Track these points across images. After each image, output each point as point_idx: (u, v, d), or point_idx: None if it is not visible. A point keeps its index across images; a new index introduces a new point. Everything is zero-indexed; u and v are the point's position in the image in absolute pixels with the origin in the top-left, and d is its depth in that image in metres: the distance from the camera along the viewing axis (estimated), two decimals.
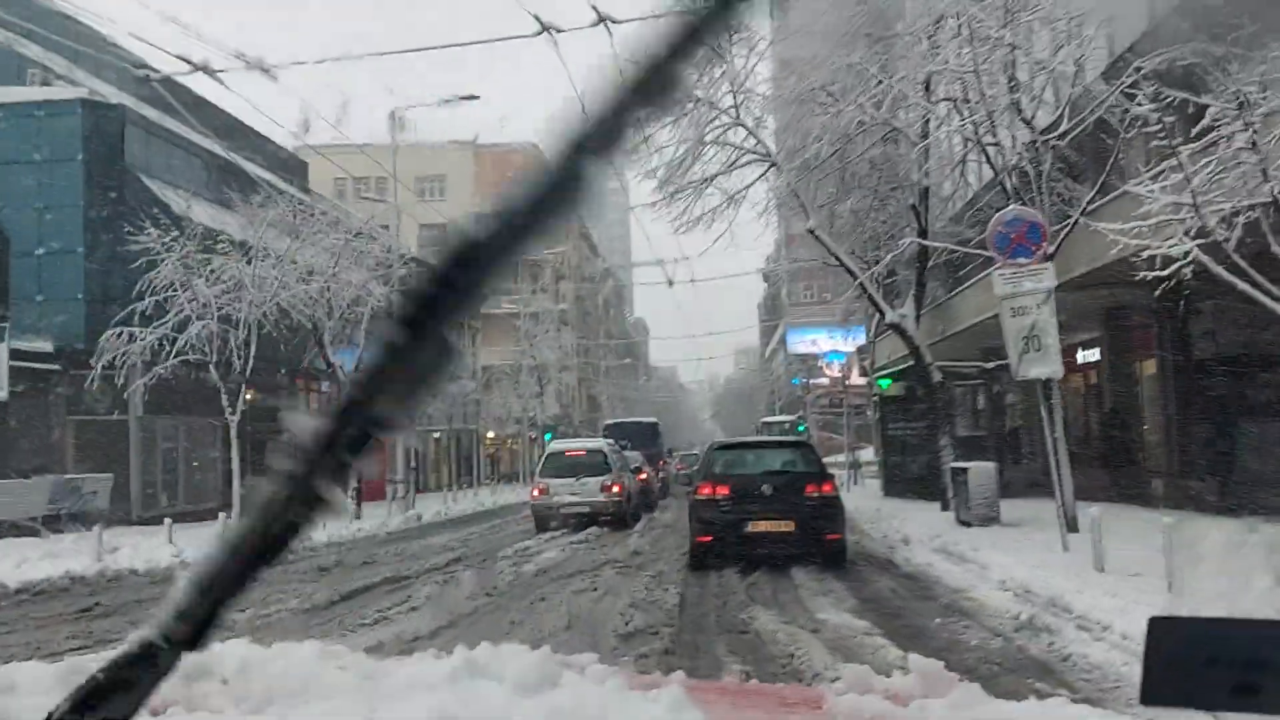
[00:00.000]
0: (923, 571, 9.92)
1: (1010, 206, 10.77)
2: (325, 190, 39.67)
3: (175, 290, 17.98)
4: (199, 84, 31.14)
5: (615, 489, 18.87)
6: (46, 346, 22.23)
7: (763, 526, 11.56)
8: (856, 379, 50.40)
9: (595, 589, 10.03)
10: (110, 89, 24.23)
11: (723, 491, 12.04)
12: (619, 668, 2.46)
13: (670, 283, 26.54)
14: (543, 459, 20.26)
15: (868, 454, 35.19)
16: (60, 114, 22.72)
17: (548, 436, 54.08)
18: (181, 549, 14.77)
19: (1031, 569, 8.82)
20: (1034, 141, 11.88)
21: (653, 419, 39.62)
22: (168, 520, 15.48)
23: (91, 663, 1.17)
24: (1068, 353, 14.92)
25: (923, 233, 17.56)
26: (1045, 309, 9.85)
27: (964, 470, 15.08)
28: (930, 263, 18.93)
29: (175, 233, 18.15)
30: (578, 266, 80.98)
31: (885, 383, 32.34)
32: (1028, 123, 11.99)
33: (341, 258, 21.41)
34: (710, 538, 11.66)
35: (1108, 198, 11.11)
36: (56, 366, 22.02)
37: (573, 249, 78.98)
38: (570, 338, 65.11)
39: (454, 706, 1.86)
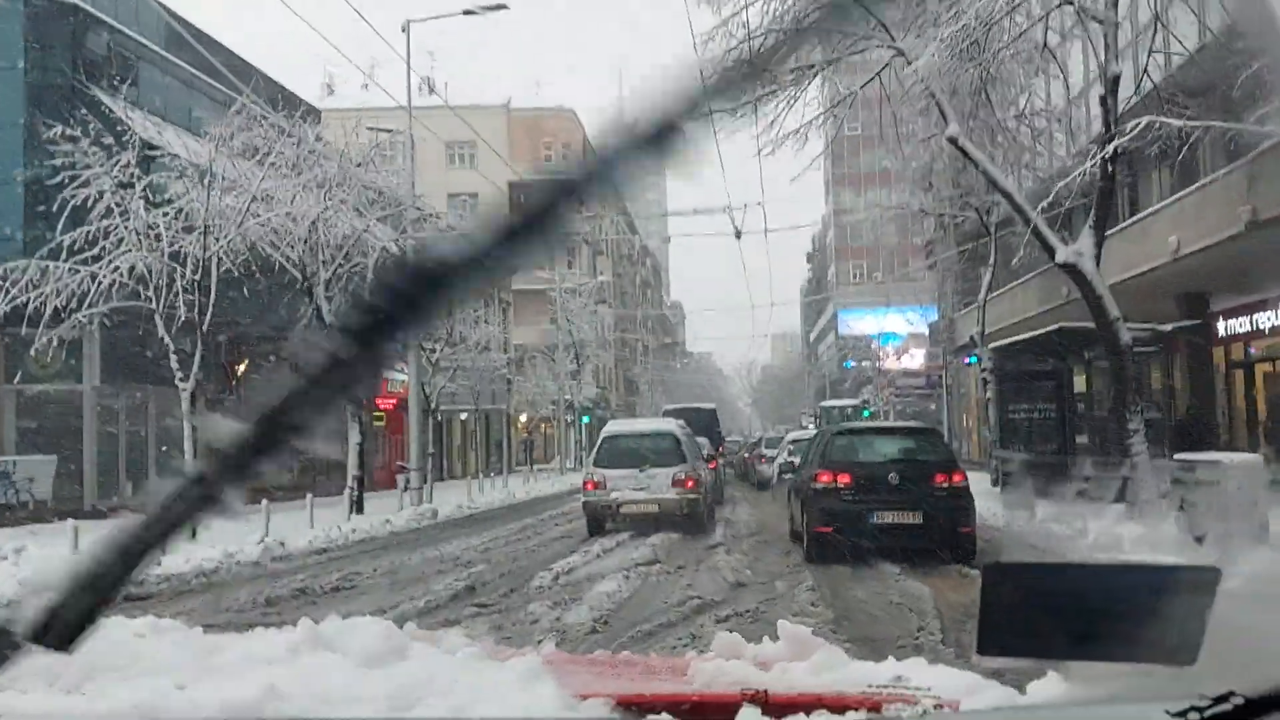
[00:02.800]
0: None
1: None
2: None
3: (112, 216, 13.67)
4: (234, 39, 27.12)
5: (689, 484, 14.53)
6: None
7: (889, 518, 10.85)
8: (913, 360, 45.88)
9: None
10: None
11: (844, 480, 11.20)
12: (480, 641, 2.32)
13: (738, 234, 22.13)
14: (598, 444, 16.00)
15: None
16: None
17: (584, 419, 49.99)
18: None
19: None
20: None
21: (711, 405, 35.47)
22: (70, 521, 11.14)
23: None
24: None
25: (1110, 134, 12.86)
26: None
27: (1205, 466, 10.40)
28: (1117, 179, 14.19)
29: (109, 141, 13.80)
30: (615, 243, 76.76)
31: (974, 358, 27.76)
32: None
33: (336, 189, 17.02)
34: (830, 529, 10.93)
35: None
36: None
37: (610, 224, 74.75)
38: (608, 315, 60.95)
39: (291, 681, 1.76)
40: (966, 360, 28.84)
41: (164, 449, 20.68)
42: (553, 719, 1.50)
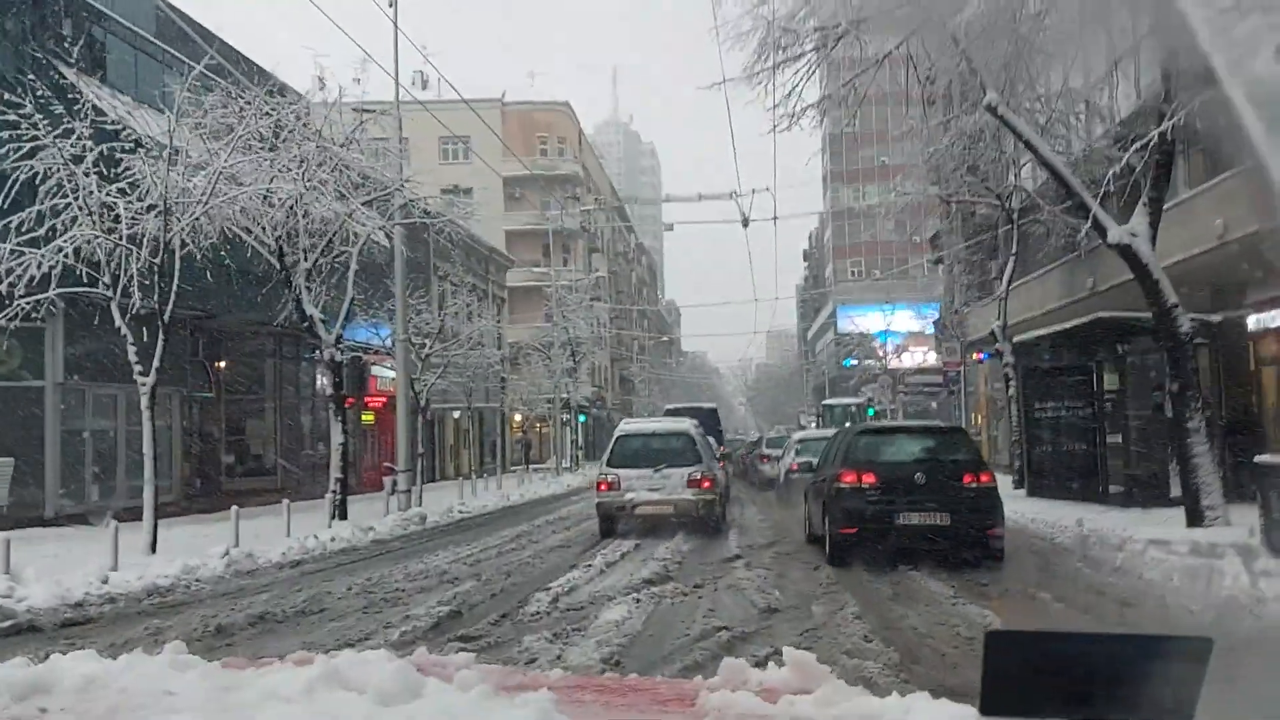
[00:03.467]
0: None
1: None
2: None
3: (65, 194, 12.37)
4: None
5: (705, 484, 14.09)
6: None
7: (915, 519, 10.53)
8: (921, 357, 44.69)
9: None
10: None
11: (869, 480, 10.89)
12: (489, 669, 2.40)
13: (746, 221, 20.89)
14: (611, 444, 15.48)
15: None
16: None
17: (581, 418, 48.73)
18: (15, 584, 9.16)
19: None
20: None
21: (712, 404, 34.51)
22: (3, 536, 9.81)
23: None
24: None
25: (1169, 101, 11.65)
26: None
27: None
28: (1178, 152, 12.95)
29: (59, 110, 12.47)
30: (612, 240, 75.45)
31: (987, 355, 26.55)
32: None
33: (317, 169, 15.70)
34: (855, 530, 10.74)
35: None
36: None
37: (606, 221, 73.30)
38: (604, 312, 59.62)
39: None
40: (981, 356, 27.60)
41: (133, 450, 19.36)
42: None
